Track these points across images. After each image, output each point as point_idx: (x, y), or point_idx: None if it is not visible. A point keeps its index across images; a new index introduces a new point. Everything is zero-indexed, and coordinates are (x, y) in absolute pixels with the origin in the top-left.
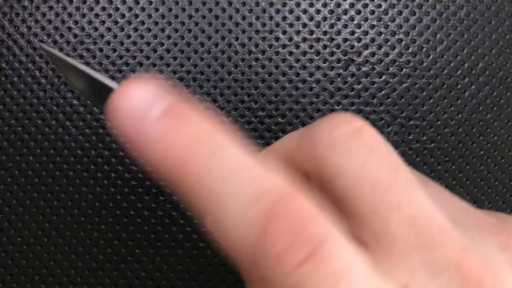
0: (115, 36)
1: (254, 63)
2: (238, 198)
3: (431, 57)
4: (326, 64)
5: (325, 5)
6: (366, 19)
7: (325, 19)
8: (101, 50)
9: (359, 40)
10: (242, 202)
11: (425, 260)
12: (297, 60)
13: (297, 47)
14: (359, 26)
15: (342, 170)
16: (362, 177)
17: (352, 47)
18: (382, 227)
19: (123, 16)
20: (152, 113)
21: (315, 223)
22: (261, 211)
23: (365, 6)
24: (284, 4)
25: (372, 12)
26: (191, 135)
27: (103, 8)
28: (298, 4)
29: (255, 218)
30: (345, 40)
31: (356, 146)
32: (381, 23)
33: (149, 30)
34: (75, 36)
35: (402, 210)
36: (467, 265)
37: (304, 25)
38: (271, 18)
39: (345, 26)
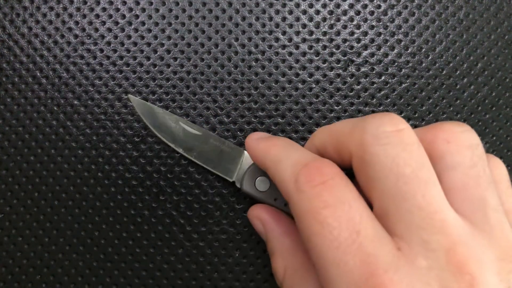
0: (116, 37)
1: (254, 63)
2: (289, 163)
3: (430, 57)
4: (325, 65)
5: (324, 6)
6: (365, 20)
7: (324, 19)
8: (101, 50)
9: (358, 40)
10: (291, 165)
11: (422, 238)
12: (297, 61)
13: (297, 47)
14: (358, 26)
15: (378, 159)
16: (391, 168)
17: (352, 47)
18: (394, 209)
19: (123, 16)
20: (255, 139)
21: (328, 169)
22: (298, 167)
23: (365, 6)
24: (284, 5)
25: (372, 13)
26: (270, 143)
27: (104, 9)
28: (297, 5)
29: (296, 169)
30: (345, 40)
31: (394, 142)
32: (380, 23)
33: (150, 30)
34: (76, 36)
35: (414, 200)
36: (455, 251)
37: (304, 26)
38: (271, 18)
39: (345, 27)
